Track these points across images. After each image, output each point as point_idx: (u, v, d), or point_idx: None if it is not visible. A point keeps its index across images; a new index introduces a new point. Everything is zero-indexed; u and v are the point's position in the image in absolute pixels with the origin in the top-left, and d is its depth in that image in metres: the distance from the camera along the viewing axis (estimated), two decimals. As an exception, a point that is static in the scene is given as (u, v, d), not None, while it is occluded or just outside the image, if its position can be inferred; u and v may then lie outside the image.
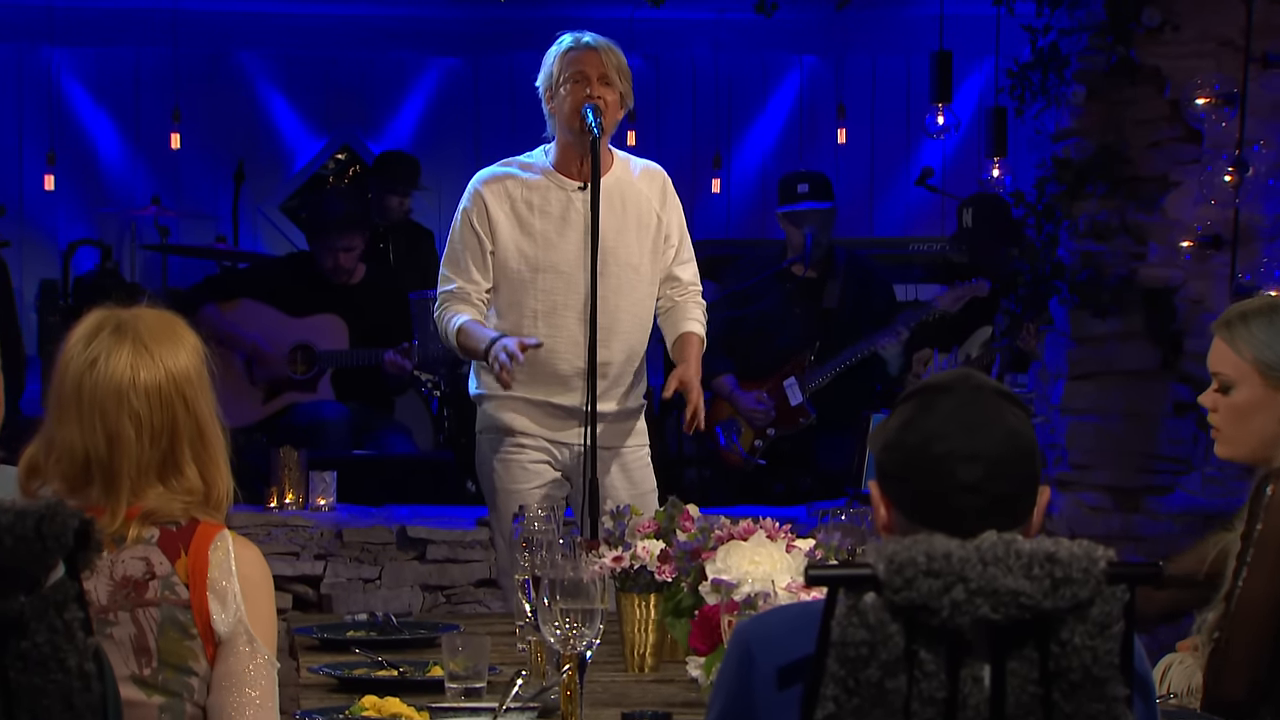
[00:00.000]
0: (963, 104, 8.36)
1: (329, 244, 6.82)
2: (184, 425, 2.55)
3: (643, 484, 4.45)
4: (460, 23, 8.86)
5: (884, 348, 6.69)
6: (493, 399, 4.40)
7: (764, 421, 6.74)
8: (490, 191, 4.37)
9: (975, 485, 2.09)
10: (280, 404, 6.86)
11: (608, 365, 4.33)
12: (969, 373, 2.17)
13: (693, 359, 4.41)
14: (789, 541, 3.06)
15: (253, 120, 9.17)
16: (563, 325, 4.32)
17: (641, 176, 4.41)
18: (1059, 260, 5.91)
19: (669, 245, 4.43)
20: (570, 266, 4.31)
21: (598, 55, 4.30)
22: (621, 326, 4.35)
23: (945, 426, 2.11)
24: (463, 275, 4.36)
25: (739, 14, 7.77)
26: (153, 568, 2.54)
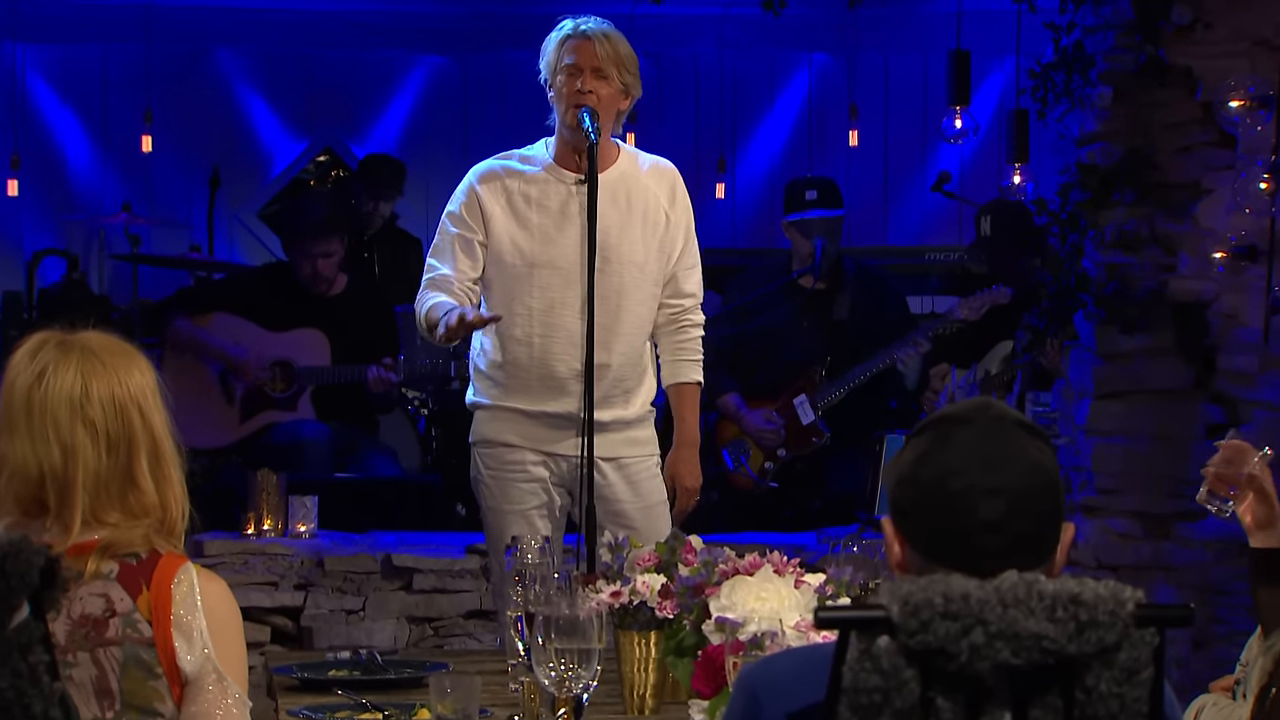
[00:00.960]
0: (982, 105, 8.36)
1: (305, 250, 6.82)
2: (140, 437, 2.56)
3: (650, 495, 4.44)
4: (449, 19, 8.87)
5: (901, 360, 6.69)
6: (486, 409, 4.41)
7: (774, 442, 6.74)
8: (485, 184, 4.39)
9: (996, 523, 2.09)
10: (258, 424, 6.86)
11: (607, 368, 4.33)
12: (988, 403, 2.17)
13: (686, 436, 4.40)
14: (798, 577, 3.06)
15: (229, 122, 9.17)
16: (560, 324, 4.32)
17: (650, 172, 4.42)
18: (1084, 272, 5.91)
19: (675, 245, 4.42)
20: (568, 263, 4.31)
21: (591, 45, 4.30)
22: (623, 327, 4.35)
23: (964, 460, 2.11)
24: (446, 263, 4.37)
25: (745, 9, 7.79)
26: (113, 604, 2.53)
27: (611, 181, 4.35)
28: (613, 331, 4.33)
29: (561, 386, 4.33)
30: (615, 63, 4.30)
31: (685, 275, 4.44)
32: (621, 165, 4.40)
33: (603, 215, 4.29)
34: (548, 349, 4.31)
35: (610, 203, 4.34)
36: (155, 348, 7.10)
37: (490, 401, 4.39)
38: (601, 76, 4.29)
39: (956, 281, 7.61)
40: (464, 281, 4.36)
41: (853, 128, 9.01)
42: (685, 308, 4.45)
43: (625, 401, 4.41)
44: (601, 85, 4.29)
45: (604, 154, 4.34)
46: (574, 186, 4.34)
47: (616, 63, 4.30)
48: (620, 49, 4.32)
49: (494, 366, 4.40)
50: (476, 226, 4.36)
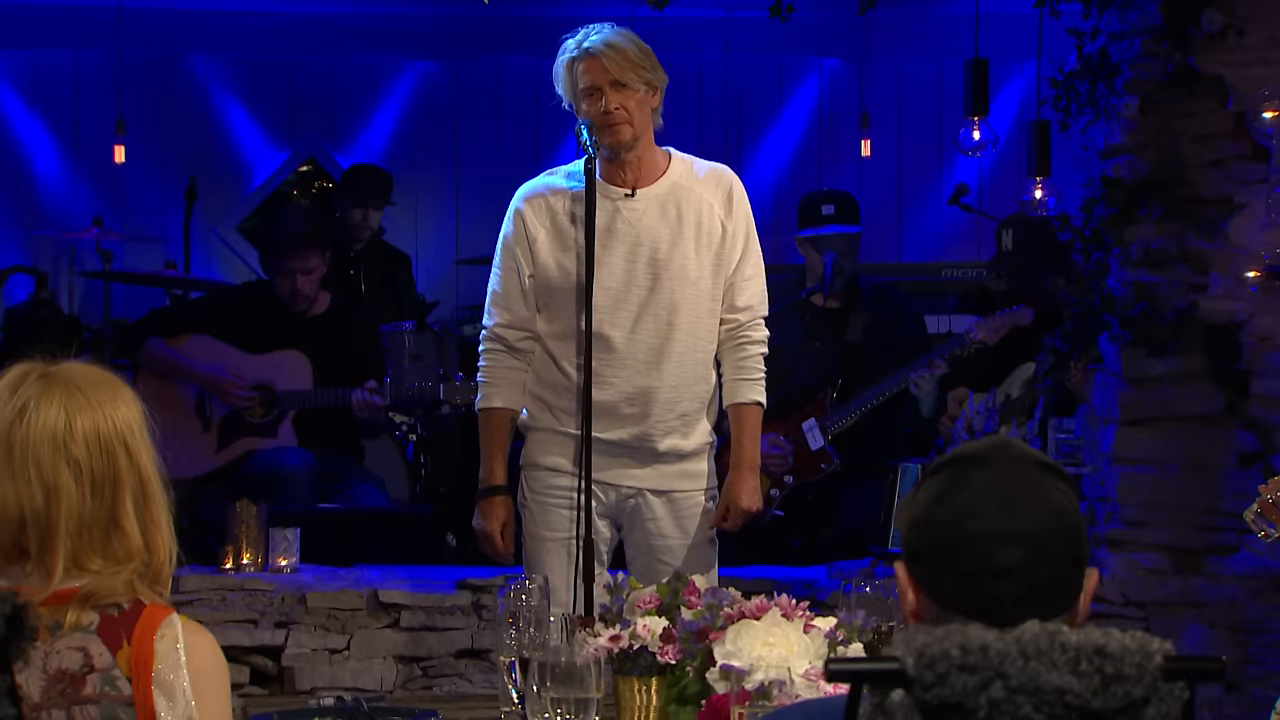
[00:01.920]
0: (1001, 114, 8.38)
1: (283, 265, 6.83)
2: (126, 476, 2.55)
3: (697, 533, 4.50)
4: (439, 21, 8.89)
5: (916, 383, 6.69)
6: (535, 431, 4.49)
7: (781, 469, 6.74)
8: (530, 208, 4.46)
9: (1015, 569, 2.09)
10: (236, 451, 6.86)
11: (655, 391, 4.40)
12: (1007, 441, 2.17)
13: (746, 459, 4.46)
14: (807, 621, 3.06)
15: (206, 131, 9.19)
16: (610, 347, 4.39)
17: (705, 180, 4.47)
18: (1109, 292, 5.91)
19: (733, 256, 4.47)
20: (616, 282, 4.38)
21: (600, 61, 4.36)
22: (675, 347, 4.41)
23: (981, 503, 2.11)
24: (504, 309, 4.48)
25: (751, 12, 7.80)
26: (91, 660, 2.52)
27: (661, 194, 4.43)
28: (663, 353, 4.40)
29: (611, 411, 4.40)
30: (630, 67, 4.36)
31: (742, 286, 4.48)
32: (672, 175, 4.46)
33: (652, 229, 4.39)
34: (597, 372, 4.37)
35: (660, 216, 4.41)
36: (128, 369, 7.11)
37: (539, 425, 4.47)
38: (622, 87, 4.36)
39: (974, 300, 7.61)
40: (523, 331, 4.46)
41: (865, 137, 9.04)
42: (741, 322, 4.49)
43: (684, 431, 4.48)
44: (626, 97, 4.36)
45: (651, 163, 4.44)
46: (620, 201, 4.42)
47: (632, 67, 4.36)
48: (629, 52, 4.37)
49: (543, 387, 4.48)
50: (525, 260, 4.44)
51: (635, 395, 4.40)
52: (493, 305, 4.51)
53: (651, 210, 4.39)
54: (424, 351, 7.45)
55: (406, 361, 7.36)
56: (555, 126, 9.06)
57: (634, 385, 4.39)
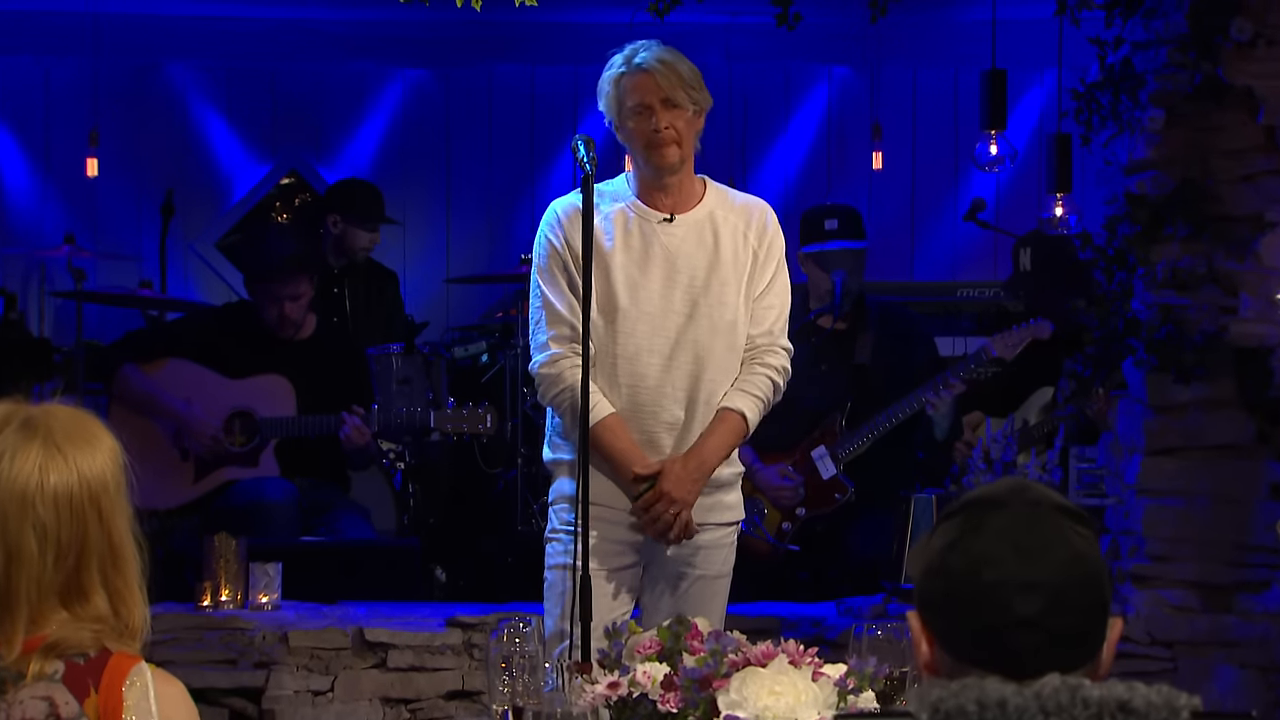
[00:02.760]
0: (1019, 126, 8.38)
1: (271, 292, 6.83)
2: (95, 542, 2.55)
3: (718, 566, 4.59)
4: (428, 27, 8.87)
5: (933, 404, 6.68)
6: (565, 465, 4.52)
7: (793, 500, 6.74)
8: (569, 220, 4.48)
9: (1034, 619, 2.09)
10: (214, 482, 6.86)
11: (688, 425, 4.48)
12: (1024, 484, 2.17)
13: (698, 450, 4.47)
14: (815, 668, 3.05)
15: (184, 143, 9.19)
16: (646, 374, 4.46)
17: (740, 209, 4.55)
18: (1133, 314, 5.92)
19: (760, 283, 4.53)
20: (654, 307, 4.45)
21: (653, 78, 4.41)
22: (707, 375, 4.48)
23: (997, 549, 2.11)
24: (563, 324, 4.46)
25: (755, 17, 7.79)
26: (57, 709, 2.52)
27: (699, 221, 4.50)
28: (697, 381, 4.47)
29: (650, 442, 4.47)
30: (682, 86, 4.42)
31: (762, 312, 4.53)
32: (709, 204, 4.54)
33: (689, 257, 4.45)
34: (633, 400, 4.45)
35: (697, 243, 4.48)
36: (100, 394, 7.11)
37: (572, 456, 4.48)
38: (673, 106, 4.41)
39: (991, 321, 7.62)
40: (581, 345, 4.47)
41: (876, 149, 9.04)
42: (758, 345, 4.52)
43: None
44: (676, 116, 4.41)
45: (690, 189, 4.51)
46: (659, 226, 4.47)
47: (683, 86, 4.42)
48: (682, 70, 4.43)
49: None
50: (574, 270, 4.44)
51: (672, 424, 4.48)
52: (549, 324, 4.48)
53: (690, 237, 4.47)
54: (413, 375, 7.45)
55: (394, 386, 7.37)
56: (550, 138, 9.07)
57: (671, 414, 4.48)
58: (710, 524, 4.56)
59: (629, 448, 4.46)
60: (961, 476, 6.30)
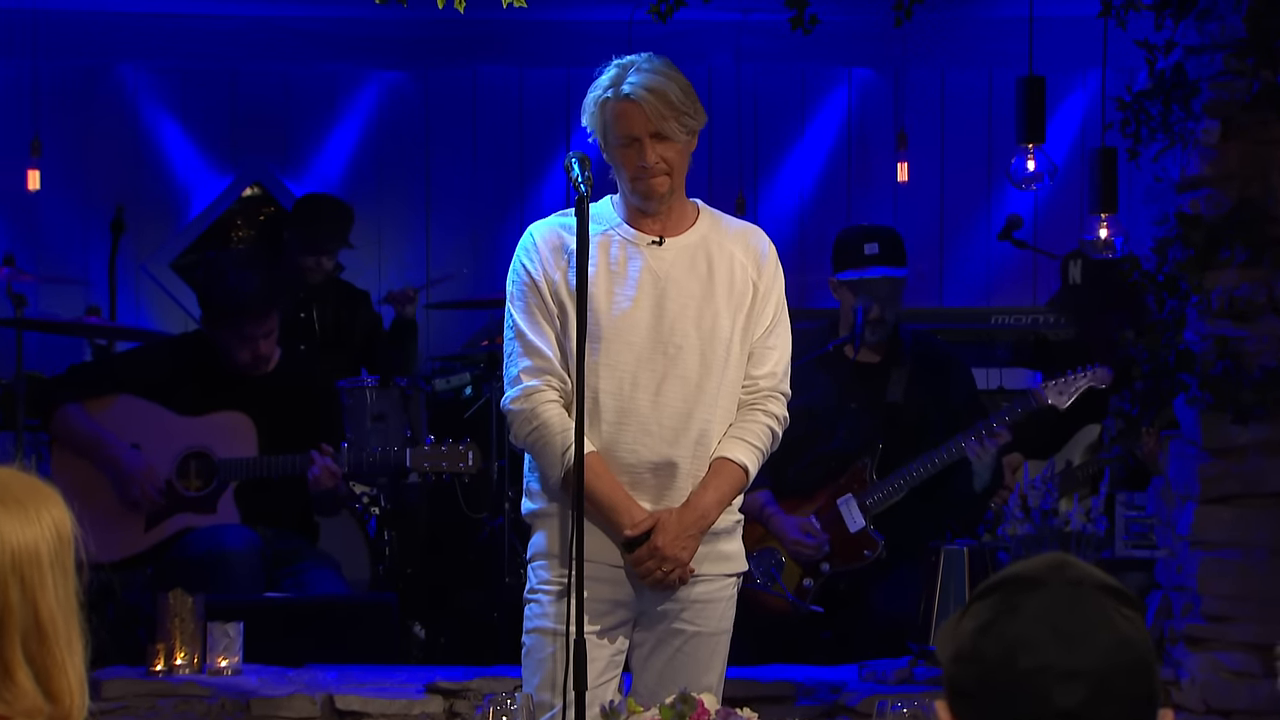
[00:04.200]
0: (1059, 136, 8.39)
1: (239, 332, 6.81)
2: (17, 616, 2.54)
3: (718, 620, 4.59)
4: (406, 25, 8.88)
5: (978, 453, 6.66)
6: (545, 518, 4.53)
7: (816, 555, 6.71)
8: (548, 248, 4.51)
9: (1075, 712, 2.09)
10: (168, 530, 6.86)
11: (674, 466, 4.47)
12: (1064, 561, 2.17)
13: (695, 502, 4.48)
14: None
15: (136, 153, 9.21)
16: (632, 410, 4.47)
17: (736, 236, 4.59)
18: (1186, 347, 5.92)
19: (762, 320, 4.56)
20: (641, 337, 4.46)
21: (641, 110, 4.42)
22: (700, 413, 4.49)
23: (1035, 633, 2.11)
24: (541, 357, 4.48)
25: (769, 15, 7.80)
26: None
27: (691, 245, 4.53)
28: (689, 418, 4.48)
29: (633, 484, 4.47)
30: (674, 115, 4.43)
31: (763, 354, 4.56)
32: (702, 228, 4.57)
33: (680, 283, 4.48)
34: (617, 439, 4.46)
35: (689, 270, 4.50)
36: (40, 430, 7.11)
37: (548, 507, 4.51)
38: (663, 138, 4.42)
39: (1029, 351, 7.62)
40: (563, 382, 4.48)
41: (901, 159, 9.05)
42: (760, 388, 4.55)
43: None
44: (667, 148, 4.44)
45: (681, 212, 4.56)
46: (648, 249, 4.50)
47: (675, 114, 4.43)
48: (671, 95, 4.42)
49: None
50: (551, 300, 4.48)
51: (660, 465, 4.48)
52: (523, 357, 4.51)
53: (681, 261, 4.50)
54: (388, 410, 7.45)
55: (368, 423, 7.37)
56: (540, 147, 9.08)
57: (658, 454, 4.48)
58: (707, 575, 4.56)
59: (614, 492, 4.46)
60: (996, 526, 6.29)
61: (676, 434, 4.47)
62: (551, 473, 4.47)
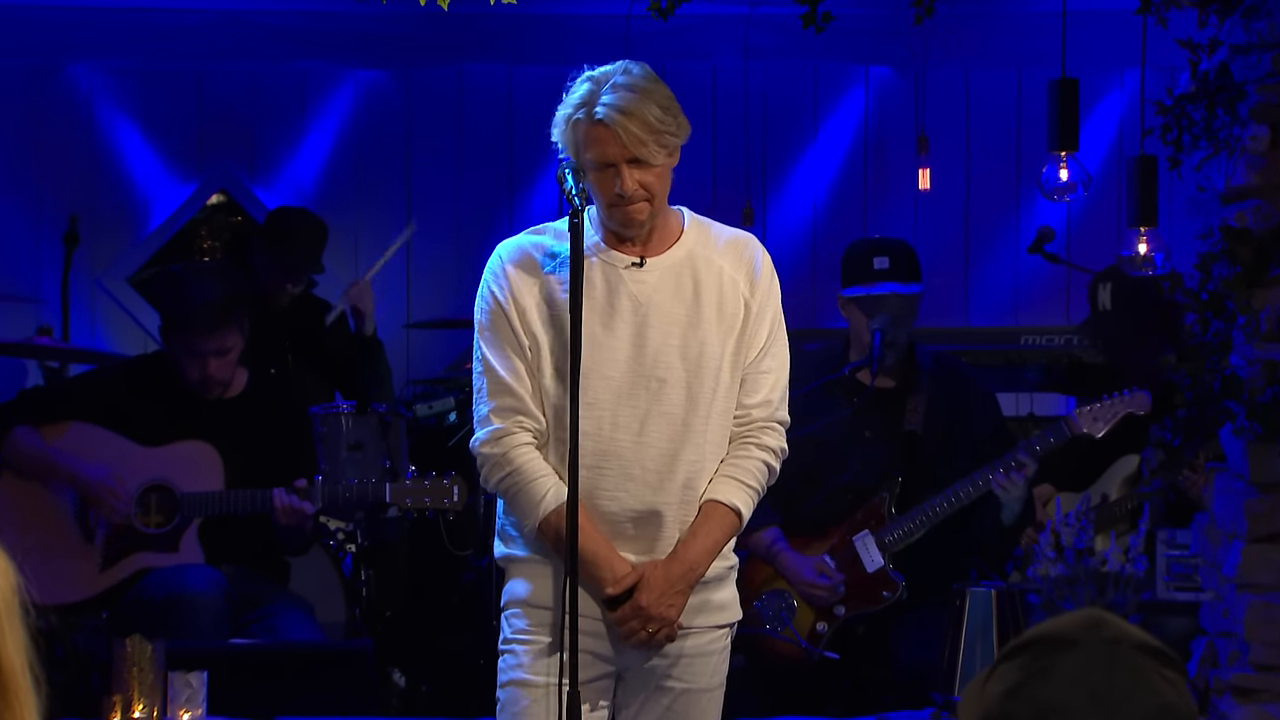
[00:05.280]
0: (1094, 141, 8.40)
1: (192, 346, 6.82)
2: None
3: (710, 675, 4.58)
4: (386, 20, 8.89)
5: (1004, 486, 6.66)
6: (520, 563, 4.52)
7: (830, 598, 6.71)
8: (518, 271, 4.48)
9: (1112, 784, 2.09)
10: (126, 570, 6.86)
11: (665, 508, 4.44)
12: (1100, 619, 2.17)
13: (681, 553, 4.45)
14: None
15: (91, 159, 9.21)
16: (612, 451, 4.43)
17: (725, 249, 4.53)
18: (1232, 372, 5.92)
19: (756, 341, 4.52)
20: (621, 370, 4.43)
21: (614, 134, 4.37)
22: (687, 454, 4.45)
23: (1069, 698, 2.11)
24: (510, 394, 4.45)
25: (779, 8, 7.81)
26: None
27: (675, 265, 4.48)
28: (676, 459, 4.44)
29: (616, 533, 4.45)
30: (652, 137, 4.37)
31: (757, 380, 4.53)
32: (688, 243, 4.52)
33: (665, 307, 4.44)
34: (596, 485, 4.42)
35: (673, 292, 4.46)
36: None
37: (523, 554, 4.49)
38: (641, 163, 4.38)
39: (1063, 375, 7.61)
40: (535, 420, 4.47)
41: (922, 165, 9.02)
42: (753, 419, 4.52)
43: None
44: (646, 173, 4.39)
45: (662, 229, 4.50)
46: (626, 272, 4.46)
47: (654, 136, 4.37)
48: (649, 116, 4.36)
49: None
50: (521, 330, 4.45)
51: (643, 513, 4.45)
52: (491, 394, 4.49)
53: (665, 284, 4.45)
54: (366, 439, 7.45)
55: (344, 452, 7.37)
56: (531, 152, 9.07)
57: (642, 501, 4.45)
58: (697, 628, 4.54)
59: (594, 544, 4.42)
60: (1026, 565, 6.29)
61: (661, 478, 4.44)
62: (528, 522, 4.45)
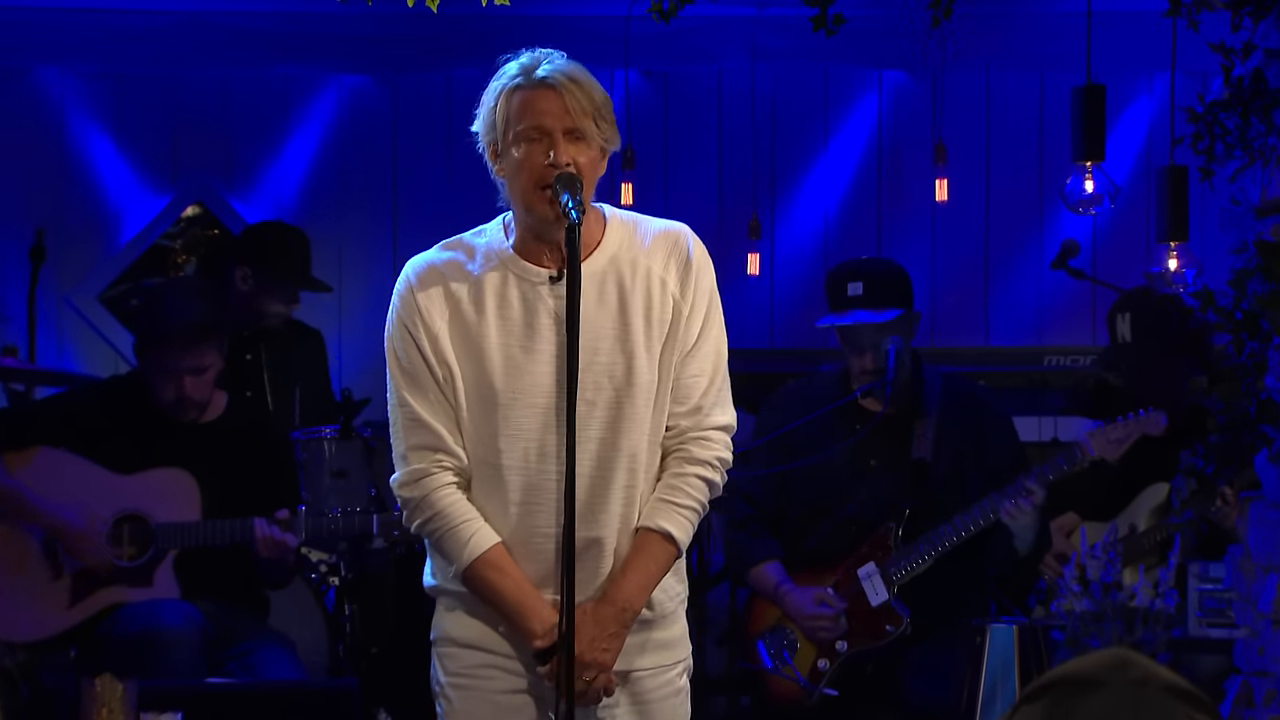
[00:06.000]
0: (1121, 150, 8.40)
1: (167, 364, 6.82)
2: None
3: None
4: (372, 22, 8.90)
5: (1011, 513, 6.67)
6: (449, 595, 4.45)
7: (832, 633, 6.72)
8: (428, 293, 4.38)
9: (1140, 834, 2.10)
10: (97, 605, 6.84)
11: (598, 543, 4.35)
12: (1126, 658, 2.18)
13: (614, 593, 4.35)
14: None
15: (60, 168, 9.21)
16: (541, 485, 4.33)
17: (655, 245, 4.41)
18: (1268, 395, 5.92)
19: (688, 339, 4.39)
20: (545, 395, 4.32)
21: (558, 97, 4.29)
22: (620, 480, 4.35)
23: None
24: (435, 439, 4.36)
25: (788, 9, 7.82)
26: None
27: (598, 273, 4.36)
28: (609, 487, 4.34)
29: (550, 575, 4.34)
30: (593, 114, 4.31)
31: (687, 385, 4.39)
32: (610, 247, 4.40)
33: (587, 324, 4.29)
34: (529, 523, 4.34)
35: (597, 303, 4.34)
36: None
37: (455, 586, 4.42)
38: (578, 138, 4.30)
39: (1090, 398, 7.61)
40: (456, 458, 4.38)
41: (940, 176, 9.04)
42: (683, 429, 4.39)
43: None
44: (580, 150, 4.30)
45: (586, 235, 4.33)
46: (544, 287, 4.35)
47: (595, 114, 4.31)
48: (595, 95, 4.31)
49: None
50: (433, 358, 4.34)
51: (580, 548, 4.30)
52: (408, 431, 4.38)
53: (587, 294, 4.30)
54: (350, 466, 7.46)
55: (327, 480, 7.37)
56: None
57: (577, 535, 4.27)
58: (644, 669, 4.43)
59: (519, 592, 4.33)
60: (1050, 600, 6.29)
61: (596, 509, 4.31)
62: (453, 567, 4.36)
